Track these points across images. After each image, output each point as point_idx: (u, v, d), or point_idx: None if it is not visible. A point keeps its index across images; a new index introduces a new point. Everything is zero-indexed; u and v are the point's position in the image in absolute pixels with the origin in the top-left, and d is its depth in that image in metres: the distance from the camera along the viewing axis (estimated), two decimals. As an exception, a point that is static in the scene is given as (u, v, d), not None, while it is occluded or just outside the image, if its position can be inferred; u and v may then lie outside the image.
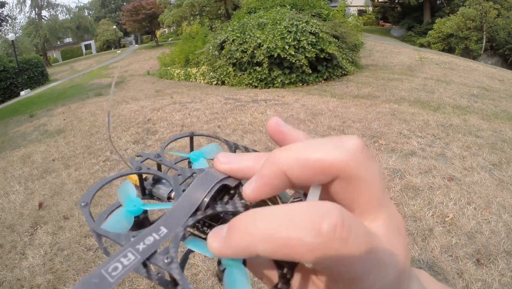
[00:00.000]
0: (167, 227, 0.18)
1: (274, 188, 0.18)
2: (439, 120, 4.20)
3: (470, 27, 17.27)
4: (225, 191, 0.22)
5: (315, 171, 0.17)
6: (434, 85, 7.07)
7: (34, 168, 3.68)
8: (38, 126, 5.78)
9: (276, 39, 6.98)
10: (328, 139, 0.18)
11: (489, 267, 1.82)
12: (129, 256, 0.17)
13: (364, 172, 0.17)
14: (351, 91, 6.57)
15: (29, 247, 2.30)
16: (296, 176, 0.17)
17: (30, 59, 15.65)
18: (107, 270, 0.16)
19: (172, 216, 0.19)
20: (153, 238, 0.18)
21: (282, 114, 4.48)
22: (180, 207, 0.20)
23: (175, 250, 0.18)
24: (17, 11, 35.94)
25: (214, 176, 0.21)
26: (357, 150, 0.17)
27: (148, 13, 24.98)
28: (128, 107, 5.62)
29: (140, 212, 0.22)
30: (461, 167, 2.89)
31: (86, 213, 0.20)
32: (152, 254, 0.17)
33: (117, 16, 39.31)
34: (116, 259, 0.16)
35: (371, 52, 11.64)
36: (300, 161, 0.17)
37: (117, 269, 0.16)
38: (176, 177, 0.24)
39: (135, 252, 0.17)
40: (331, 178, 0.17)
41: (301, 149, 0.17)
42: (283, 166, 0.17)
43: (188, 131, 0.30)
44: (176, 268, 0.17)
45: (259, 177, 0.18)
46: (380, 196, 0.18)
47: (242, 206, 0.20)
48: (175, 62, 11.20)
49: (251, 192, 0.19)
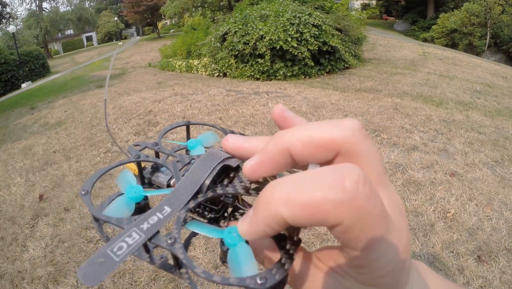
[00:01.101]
0: (170, 206, 0.19)
1: (276, 165, 0.19)
2: (442, 115, 4.17)
3: (474, 23, 17.09)
4: (225, 174, 0.22)
5: (318, 147, 0.18)
6: (437, 81, 7.02)
7: (35, 160, 3.68)
8: (39, 118, 5.78)
9: (278, 31, 6.92)
10: (329, 120, 0.19)
11: (490, 264, 1.81)
12: (133, 235, 0.17)
13: (363, 149, 0.18)
14: (354, 84, 6.53)
15: (30, 239, 2.30)
16: (299, 153, 0.18)
17: (31, 52, 15.55)
18: (112, 250, 0.16)
19: (175, 195, 0.20)
20: (157, 217, 0.18)
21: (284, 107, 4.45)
22: (183, 186, 0.20)
23: (177, 231, 0.18)
24: (18, 5, 35.76)
25: (216, 156, 0.22)
26: (356, 128, 0.18)
27: (149, 5, 24.81)
28: (130, 99, 5.60)
29: (141, 198, 0.22)
30: (463, 163, 2.87)
31: (86, 200, 0.21)
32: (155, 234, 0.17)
33: (118, 7, 39.09)
34: (121, 239, 0.17)
35: (374, 46, 11.55)
36: (304, 138, 0.18)
37: (122, 248, 0.16)
38: (175, 163, 0.24)
39: (139, 231, 0.17)
40: (332, 154, 0.18)
41: (305, 129, 0.18)
42: (287, 143, 0.18)
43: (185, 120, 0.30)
44: (179, 248, 0.17)
45: (263, 152, 0.19)
46: (380, 173, 0.19)
47: (242, 188, 0.21)
48: (176, 54, 11.14)
49: (251, 166, 0.19)
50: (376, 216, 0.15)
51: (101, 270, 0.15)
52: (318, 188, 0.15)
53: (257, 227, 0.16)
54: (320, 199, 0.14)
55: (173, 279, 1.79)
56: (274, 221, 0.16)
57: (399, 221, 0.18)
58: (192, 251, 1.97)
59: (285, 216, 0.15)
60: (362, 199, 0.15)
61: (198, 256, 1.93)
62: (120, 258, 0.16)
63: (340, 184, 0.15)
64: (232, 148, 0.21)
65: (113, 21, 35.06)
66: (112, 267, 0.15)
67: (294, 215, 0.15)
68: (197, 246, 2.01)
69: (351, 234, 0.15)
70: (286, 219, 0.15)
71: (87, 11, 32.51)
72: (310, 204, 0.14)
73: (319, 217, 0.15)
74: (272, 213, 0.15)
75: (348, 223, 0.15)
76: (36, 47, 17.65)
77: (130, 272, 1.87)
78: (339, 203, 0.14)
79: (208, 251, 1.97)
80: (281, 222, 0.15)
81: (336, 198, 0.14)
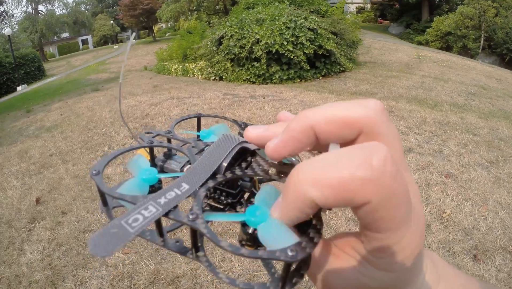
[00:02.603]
0: (188, 183, 0.18)
1: (299, 144, 0.18)
2: (437, 117, 4.21)
3: (468, 26, 17.27)
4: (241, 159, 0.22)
5: (341, 125, 0.18)
6: (432, 83, 7.08)
7: (32, 163, 3.66)
8: (35, 121, 5.74)
9: (274, 35, 6.96)
10: (351, 101, 0.19)
11: (486, 262, 1.83)
12: (150, 208, 0.16)
13: (386, 129, 0.18)
14: (349, 88, 6.57)
15: (27, 243, 2.29)
16: (323, 131, 0.18)
17: (26, 54, 15.49)
18: (127, 221, 0.15)
19: (193, 174, 0.19)
20: (175, 193, 0.17)
21: (280, 110, 4.47)
22: (201, 166, 0.20)
23: (198, 207, 0.17)
24: (14, 6, 35.59)
25: (233, 139, 0.21)
26: (379, 109, 0.19)
27: (145, 8, 24.79)
28: (126, 102, 5.59)
29: (155, 180, 0.21)
30: (458, 164, 2.90)
31: (98, 180, 0.19)
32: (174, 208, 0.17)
33: (114, 11, 39.01)
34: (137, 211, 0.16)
35: (369, 49, 11.63)
36: (328, 116, 0.18)
37: (137, 220, 0.15)
38: (190, 148, 0.24)
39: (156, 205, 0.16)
40: (356, 132, 0.18)
41: (328, 107, 0.18)
42: (311, 121, 0.18)
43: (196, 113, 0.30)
44: (202, 223, 0.16)
45: (286, 131, 0.19)
46: (401, 155, 0.19)
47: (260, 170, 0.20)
48: (172, 58, 11.14)
49: (274, 145, 0.19)
50: (402, 196, 0.15)
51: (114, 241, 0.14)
52: (346, 167, 0.14)
53: (288, 211, 0.16)
54: (348, 177, 0.14)
55: (172, 282, 1.79)
56: (304, 204, 0.15)
57: (417, 204, 0.18)
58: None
59: (314, 198, 0.15)
60: (389, 177, 0.14)
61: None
62: (135, 230, 0.15)
63: (368, 162, 0.14)
64: (256, 137, 0.21)
65: (109, 25, 35.01)
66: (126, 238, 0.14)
67: (323, 195, 0.15)
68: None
69: (377, 214, 0.15)
70: (316, 200, 0.15)
71: (83, 14, 32.43)
72: (338, 184, 0.14)
73: (347, 196, 0.15)
74: (302, 195, 0.15)
75: (376, 201, 0.15)
76: (31, 50, 17.59)
77: (129, 275, 1.86)
78: (367, 181, 0.14)
79: (209, 254, 1.97)
80: (312, 204, 0.15)
81: (364, 176, 0.14)
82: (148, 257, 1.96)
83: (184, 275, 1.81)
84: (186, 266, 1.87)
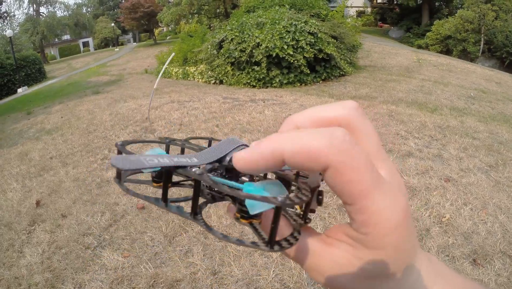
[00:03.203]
0: (197, 158, 0.21)
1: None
2: (436, 121, 4.22)
3: (468, 30, 17.34)
4: None
5: (321, 123, 0.21)
6: (432, 87, 7.10)
7: (32, 166, 3.67)
8: (36, 123, 5.76)
9: (274, 38, 6.98)
10: (328, 104, 0.22)
11: (485, 267, 1.83)
12: (164, 159, 0.18)
13: (362, 124, 0.21)
14: (349, 92, 6.59)
15: (26, 245, 2.29)
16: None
17: (27, 56, 15.53)
18: (144, 158, 0.17)
19: (203, 154, 0.22)
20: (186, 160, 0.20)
21: (280, 114, 4.49)
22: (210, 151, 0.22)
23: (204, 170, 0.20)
24: (15, 8, 35.68)
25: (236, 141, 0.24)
26: (354, 107, 0.21)
27: (146, 11, 24.91)
28: (126, 105, 5.61)
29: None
30: (457, 168, 2.91)
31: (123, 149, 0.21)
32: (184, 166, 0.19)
33: (115, 13, 39.15)
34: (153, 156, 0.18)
35: (369, 53, 11.67)
36: (308, 116, 0.21)
37: (152, 161, 0.17)
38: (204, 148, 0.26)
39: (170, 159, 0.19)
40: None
41: (310, 109, 0.21)
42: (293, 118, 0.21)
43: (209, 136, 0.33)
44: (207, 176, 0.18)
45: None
46: (378, 148, 0.21)
47: None
48: (173, 61, 11.18)
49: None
50: (362, 160, 0.17)
51: (130, 163, 0.17)
52: (314, 136, 0.17)
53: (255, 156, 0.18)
54: (315, 144, 0.17)
55: (171, 285, 1.79)
56: (273, 155, 0.17)
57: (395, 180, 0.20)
58: (189, 257, 1.97)
59: (284, 152, 0.17)
60: (348, 143, 0.17)
61: (196, 262, 1.93)
62: (149, 164, 0.17)
63: (330, 133, 0.17)
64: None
65: (110, 27, 35.14)
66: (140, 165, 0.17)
67: (293, 152, 0.17)
68: (195, 252, 2.01)
69: (342, 178, 0.17)
70: (284, 155, 0.17)
71: (84, 17, 32.58)
72: (305, 146, 0.17)
73: (311, 157, 0.17)
74: (272, 146, 0.18)
75: (335, 165, 0.17)
76: (32, 52, 17.66)
77: (128, 278, 1.86)
78: (328, 146, 0.17)
79: (206, 257, 1.97)
80: (279, 158, 0.17)
81: (326, 142, 0.17)
82: (148, 261, 1.96)
83: (183, 279, 1.81)
84: (185, 270, 1.87)
